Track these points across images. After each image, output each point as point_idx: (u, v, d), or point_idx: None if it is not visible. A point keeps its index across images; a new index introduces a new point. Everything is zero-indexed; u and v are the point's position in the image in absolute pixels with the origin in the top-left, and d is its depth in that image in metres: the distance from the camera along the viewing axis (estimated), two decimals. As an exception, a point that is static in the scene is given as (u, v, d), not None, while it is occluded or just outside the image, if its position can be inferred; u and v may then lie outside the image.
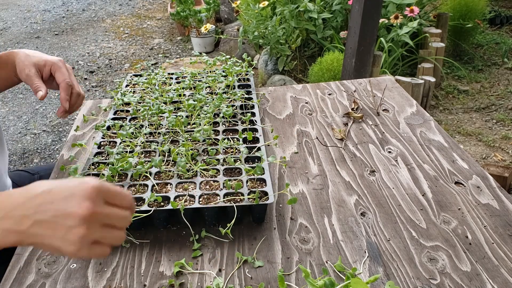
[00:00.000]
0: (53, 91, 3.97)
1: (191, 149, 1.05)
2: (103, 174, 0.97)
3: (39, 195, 0.60)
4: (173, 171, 0.98)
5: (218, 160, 1.01)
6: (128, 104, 1.29)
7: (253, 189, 0.92)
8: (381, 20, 3.15)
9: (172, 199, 0.89)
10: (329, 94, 1.43)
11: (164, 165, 1.01)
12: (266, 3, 3.32)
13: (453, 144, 1.15)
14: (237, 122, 1.19)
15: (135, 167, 0.99)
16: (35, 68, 1.04)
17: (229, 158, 0.97)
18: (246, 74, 1.44)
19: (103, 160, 1.04)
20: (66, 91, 1.04)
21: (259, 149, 1.06)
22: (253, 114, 1.21)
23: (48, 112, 3.69)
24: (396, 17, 3.19)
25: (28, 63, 1.04)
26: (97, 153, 1.06)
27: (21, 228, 0.59)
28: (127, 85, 1.41)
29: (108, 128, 1.17)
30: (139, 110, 1.22)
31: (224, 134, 1.14)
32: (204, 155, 1.05)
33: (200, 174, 0.97)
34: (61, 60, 1.07)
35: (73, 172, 0.89)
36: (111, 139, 1.12)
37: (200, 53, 1.44)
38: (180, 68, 3.07)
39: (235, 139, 1.10)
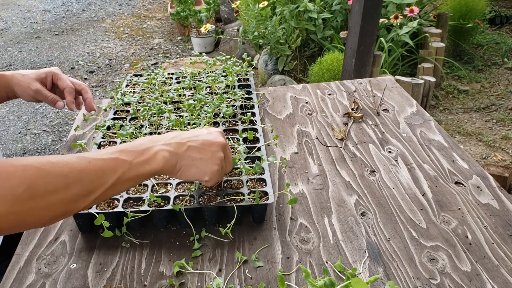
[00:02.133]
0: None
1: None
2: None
3: (185, 132, 0.83)
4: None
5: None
6: (128, 104, 1.29)
7: (253, 189, 0.92)
8: (381, 20, 3.15)
9: (172, 199, 0.89)
10: (329, 94, 1.43)
11: None
12: (266, 3, 3.32)
13: (453, 144, 1.15)
14: (237, 122, 1.19)
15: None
16: (38, 82, 1.08)
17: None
18: (246, 74, 1.44)
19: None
20: (72, 95, 1.13)
21: (259, 149, 1.06)
22: (253, 114, 1.21)
23: (48, 112, 3.69)
24: (396, 17, 3.19)
25: (29, 80, 1.07)
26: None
27: (180, 151, 0.79)
28: (127, 85, 1.41)
29: (108, 128, 1.17)
30: (139, 110, 1.22)
31: (224, 134, 1.14)
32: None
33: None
34: (57, 68, 1.13)
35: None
36: (111, 139, 1.12)
37: (200, 53, 1.44)
38: (180, 68, 3.07)
39: (235, 139, 1.10)
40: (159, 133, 1.13)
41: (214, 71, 1.40)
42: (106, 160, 0.70)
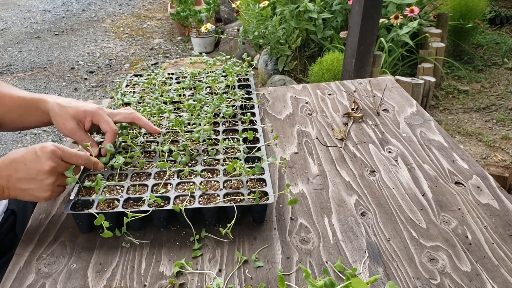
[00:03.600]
0: (50, 92, 3.97)
1: (191, 149, 1.06)
2: (103, 174, 0.97)
3: (15, 159, 0.86)
4: (173, 170, 0.97)
5: (218, 160, 1.01)
6: (128, 104, 1.29)
7: (253, 189, 0.92)
8: (381, 20, 3.15)
9: (172, 199, 0.89)
10: (329, 94, 1.43)
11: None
12: (267, 3, 3.32)
13: (453, 144, 1.15)
14: (237, 122, 1.19)
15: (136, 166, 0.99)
16: (75, 121, 1.00)
17: (229, 167, 0.95)
18: (246, 74, 1.44)
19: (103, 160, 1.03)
20: (112, 140, 1.02)
21: (259, 149, 1.06)
22: (253, 114, 1.21)
23: (48, 112, 3.68)
24: (396, 17, 3.19)
25: (66, 116, 0.99)
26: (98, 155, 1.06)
27: (9, 184, 0.85)
28: (127, 85, 1.41)
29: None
30: (139, 110, 1.22)
31: (224, 134, 1.14)
32: (204, 155, 1.05)
33: (200, 174, 0.97)
34: (100, 108, 1.02)
35: (69, 173, 0.89)
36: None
37: (200, 53, 1.44)
38: (180, 68, 3.07)
39: (235, 139, 1.10)
40: (159, 134, 1.13)
41: (214, 71, 1.40)
42: None
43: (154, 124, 1.16)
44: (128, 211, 0.85)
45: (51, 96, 1.03)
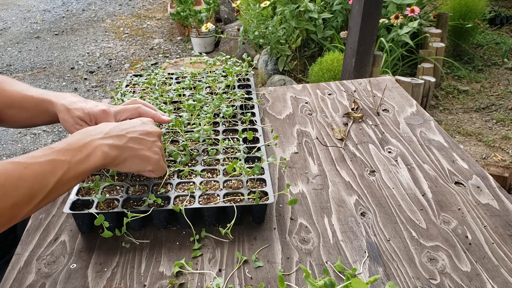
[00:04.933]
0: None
1: (191, 149, 1.06)
2: (102, 174, 0.97)
3: (121, 123, 0.84)
4: (173, 170, 0.98)
5: (218, 160, 1.01)
6: (128, 104, 1.29)
7: (253, 189, 0.92)
8: (381, 20, 3.16)
9: (172, 199, 0.89)
10: (329, 94, 1.43)
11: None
12: (268, 3, 3.32)
13: (453, 144, 1.15)
14: (237, 122, 1.19)
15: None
16: (81, 124, 0.98)
17: (229, 167, 0.95)
18: (246, 74, 1.44)
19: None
20: None
21: (259, 149, 1.06)
22: (253, 114, 1.21)
23: (48, 112, 3.68)
24: (397, 17, 3.19)
25: (73, 120, 0.98)
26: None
27: (121, 143, 0.79)
28: (127, 85, 1.41)
29: None
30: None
31: (224, 134, 1.14)
32: (204, 155, 1.05)
33: (200, 174, 0.97)
34: (104, 111, 0.99)
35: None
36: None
37: (200, 53, 1.44)
38: (180, 68, 3.07)
39: (235, 139, 1.10)
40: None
41: (214, 71, 1.40)
42: (42, 163, 0.69)
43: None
44: (128, 211, 0.85)
45: (58, 95, 1.01)
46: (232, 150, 1.06)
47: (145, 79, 1.40)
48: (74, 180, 0.72)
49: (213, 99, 1.23)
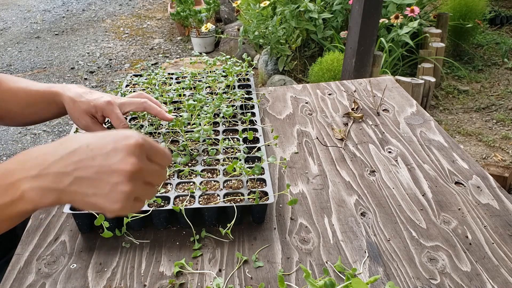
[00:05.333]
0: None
1: (191, 149, 1.06)
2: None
3: (77, 150, 0.57)
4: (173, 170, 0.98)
5: (218, 160, 1.01)
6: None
7: (253, 189, 0.92)
8: (381, 20, 3.15)
9: (172, 199, 0.89)
10: (329, 94, 1.43)
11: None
12: (267, 2, 3.32)
13: (453, 144, 1.15)
14: (237, 122, 1.19)
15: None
16: (88, 116, 0.98)
17: (229, 167, 0.95)
18: (246, 74, 1.44)
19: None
20: None
21: (259, 149, 1.06)
22: (253, 114, 1.21)
23: (48, 112, 3.68)
24: (397, 17, 3.19)
25: (80, 113, 0.98)
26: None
27: (60, 186, 0.56)
28: (127, 85, 1.41)
29: (108, 128, 1.17)
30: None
31: (224, 134, 1.14)
32: (204, 155, 1.05)
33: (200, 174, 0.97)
34: (109, 102, 0.96)
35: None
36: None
37: (200, 53, 1.44)
38: (180, 68, 3.07)
39: (235, 139, 1.10)
40: (159, 133, 1.13)
41: (214, 71, 1.40)
42: None
43: (154, 124, 1.16)
44: (128, 211, 0.85)
45: (64, 87, 1.00)
46: (232, 150, 1.06)
47: (145, 79, 1.39)
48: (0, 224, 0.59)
49: (213, 99, 1.23)
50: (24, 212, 0.58)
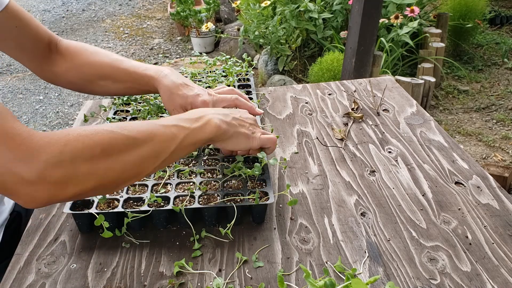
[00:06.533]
0: (50, 92, 3.97)
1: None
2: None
3: (222, 109, 0.93)
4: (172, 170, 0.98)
5: (218, 160, 1.01)
6: (128, 104, 1.29)
7: (253, 189, 0.92)
8: (381, 20, 3.15)
9: (172, 199, 0.89)
10: (329, 94, 1.43)
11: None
12: (268, 2, 3.32)
13: (453, 144, 1.15)
14: (237, 122, 1.19)
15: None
16: (182, 110, 1.01)
17: (228, 171, 0.95)
18: (246, 74, 1.44)
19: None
20: None
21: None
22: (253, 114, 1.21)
23: (48, 112, 3.69)
24: (397, 17, 3.19)
25: (175, 105, 1.01)
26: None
27: (227, 119, 0.87)
28: (127, 85, 1.40)
29: None
30: (139, 110, 1.22)
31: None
32: (204, 155, 1.05)
33: (200, 174, 0.97)
34: (205, 103, 0.99)
35: None
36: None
37: (200, 53, 1.44)
38: (180, 68, 3.08)
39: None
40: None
41: (214, 71, 1.40)
42: (168, 126, 0.77)
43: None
44: (128, 211, 0.85)
45: (158, 72, 1.03)
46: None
47: (145, 79, 1.39)
48: (191, 146, 0.80)
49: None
50: (208, 136, 0.83)
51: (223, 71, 1.39)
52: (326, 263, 0.82)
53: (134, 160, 0.70)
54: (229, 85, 1.34)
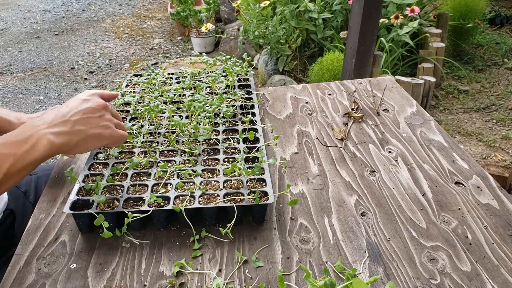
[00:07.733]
0: (50, 92, 3.97)
1: (191, 149, 1.06)
2: (103, 174, 0.97)
3: (63, 108, 0.82)
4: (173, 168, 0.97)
5: (218, 160, 1.01)
6: (128, 104, 1.29)
7: (253, 189, 0.92)
8: (381, 20, 3.15)
9: (172, 199, 0.89)
10: (329, 94, 1.43)
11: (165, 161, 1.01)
12: (268, 2, 3.32)
13: (453, 144, 1.15)
14: (237, 122, 1.19)
15: (137, 167, 0.99)
16: None
17: (228, 170, 0.96)
18: (246, 74, 1.44)
19: (102, 160, 1.03)
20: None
21: (259, 149, 1.06)
22: (253, 114, 1.21)
23: (48, 112, 3.67)
24: (397, 17, 3.19)
25: None
26: (97, 153, 1.06)
27: (67, 128, 0.79)
28: (127, 85, 1.41)
29: None
30: (139, 110, 1.22)
31: (224, 134, 1.14)
32: (204, 155, 1.05)
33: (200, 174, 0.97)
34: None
35: (68, 173, 0.89)
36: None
37: (200, 53, 1.44)
38: (180, 68, 3.07)
39: (235, 139, 1.10)
40: (159, 133, 1.13)
41: (214, 71, 1.40)
42: None
43: (154, 124, 1.16)
44: (128, 211, 0.85)
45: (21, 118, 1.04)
46: (232, 150, 1.06)
47: (145, 79, 1.40)
48: (24, 170, 0.74)
49: (213, 99, 1.23)
50: (41, 156, 0.75)
51: (223, 71, 1.39)
52: (326, 263, 0.82)
53: None
54: (228, 85, 1.35)
